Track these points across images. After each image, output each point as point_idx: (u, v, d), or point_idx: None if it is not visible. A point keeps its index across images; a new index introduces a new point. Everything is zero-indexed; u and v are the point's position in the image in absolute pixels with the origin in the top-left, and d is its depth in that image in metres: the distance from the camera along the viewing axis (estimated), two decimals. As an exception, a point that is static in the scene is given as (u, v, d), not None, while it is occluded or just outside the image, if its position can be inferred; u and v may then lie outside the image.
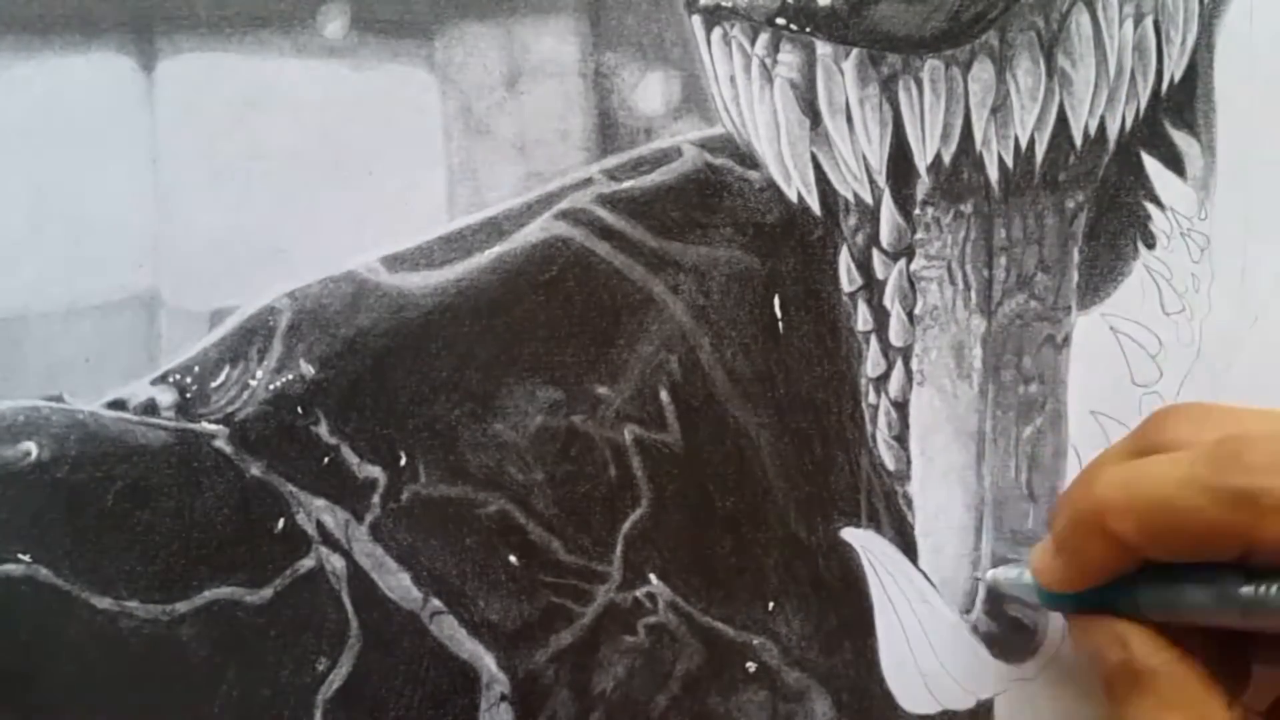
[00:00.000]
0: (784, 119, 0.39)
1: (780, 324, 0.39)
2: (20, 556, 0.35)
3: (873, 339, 0.39)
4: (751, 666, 0.38)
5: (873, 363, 0.39)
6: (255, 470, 0.36)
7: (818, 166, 0.39)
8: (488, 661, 0.37)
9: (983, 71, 0.39)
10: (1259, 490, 0.29)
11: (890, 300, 0.39)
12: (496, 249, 0.38)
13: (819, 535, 0.39)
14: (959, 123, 0.39)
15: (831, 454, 0.39)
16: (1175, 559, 0.32)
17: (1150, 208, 0.40)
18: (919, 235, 0.39)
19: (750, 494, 0.38)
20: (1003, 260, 0.39)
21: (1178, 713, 0.32)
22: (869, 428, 0.39)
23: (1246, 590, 0.31)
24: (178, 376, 0.36)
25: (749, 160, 0.39)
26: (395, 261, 0.37)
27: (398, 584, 0.37)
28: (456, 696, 0.36)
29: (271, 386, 0.37)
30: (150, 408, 0.36)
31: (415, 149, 0.38)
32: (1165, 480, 0.31)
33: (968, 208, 0.39)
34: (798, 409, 0.39)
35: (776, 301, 0.39)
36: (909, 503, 0.39)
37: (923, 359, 0.39)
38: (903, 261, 0.39)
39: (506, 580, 0.37)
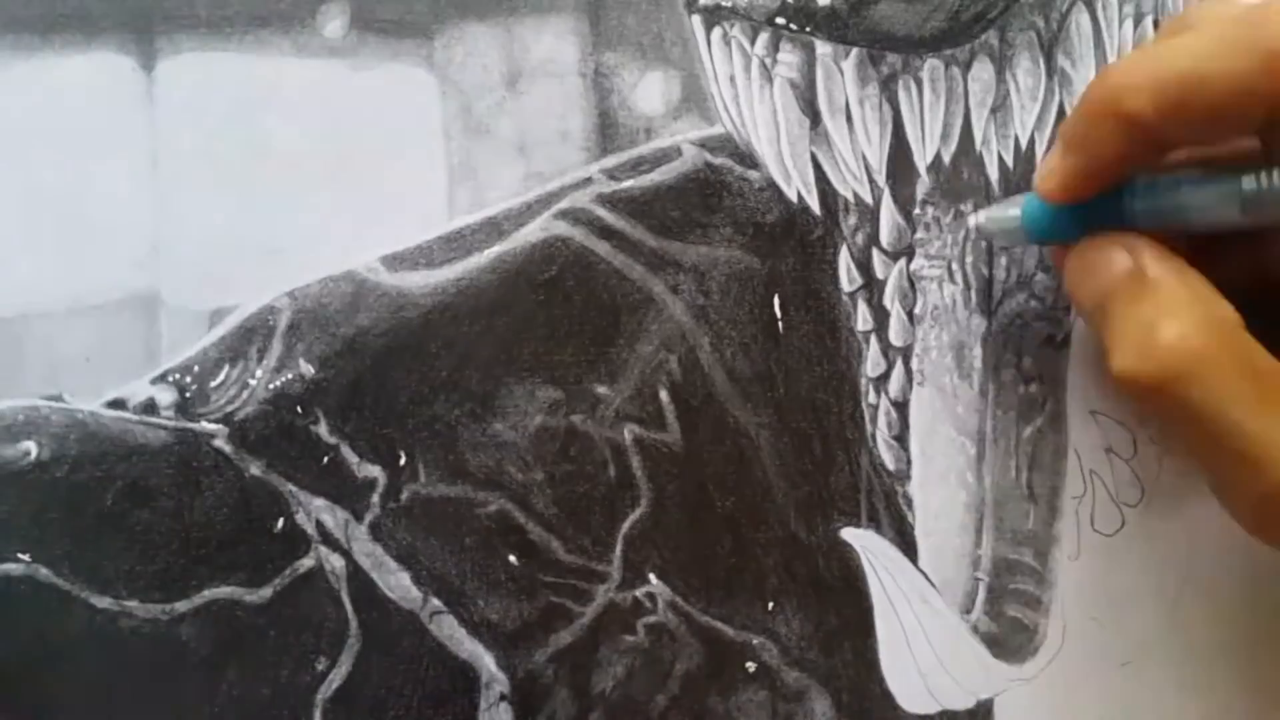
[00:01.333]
0: (784, 119, 0.39)
1: (780, 324, 0.39)
2: (20, 556, 0.35)
3: (873, 339, 0.39)
4: (751, 666, 0.38)
5: (873, 362, 0.39)
6: (255, 470, 0.36)
7: (817, 166, 0.39)
8: (487, 661, 0.37)
9: (983, 71, 0.39)
10: None
11: (890, 300, 0.39)
12: (496, 249, 0.38)
13: (819, 535, 0.38)
14: (959, 122, 0.39)
15: (831, 454, 0.39)
16: (1193, 137, 0.30)
17: (1150, 207, 0.40)
18: (919, 235, 0.39)
19: (750, 494, 0.38)
20: (1003, 260, 0.39)
21: (1184, 306, 0.30)
22: (869, 427, 0.39)
23: (1248, 181, 0.29)
24: (177, 376, 0.36)
25: (749, 160, 0.39)
26: (395, 261, 0.37)
27: (397, 583, 0.37)
28: (456, 696, 0.36)
29: (271, 386, 0.37)
30: (150, 407, 0.36)
31: (415, 149, 0.38)
32: (1189, 49, 0.29)
33: (968, 207, 0.39)
34: (797, 409, 0.39)
35: (776, 301, 0.39)
36: (909, 503, 0.39)
37: (923, 359, 0.39)
38: (903, 261, 0.39)
39: (506, 580, 0.37)
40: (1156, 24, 0.40)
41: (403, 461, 0.37)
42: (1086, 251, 0.33)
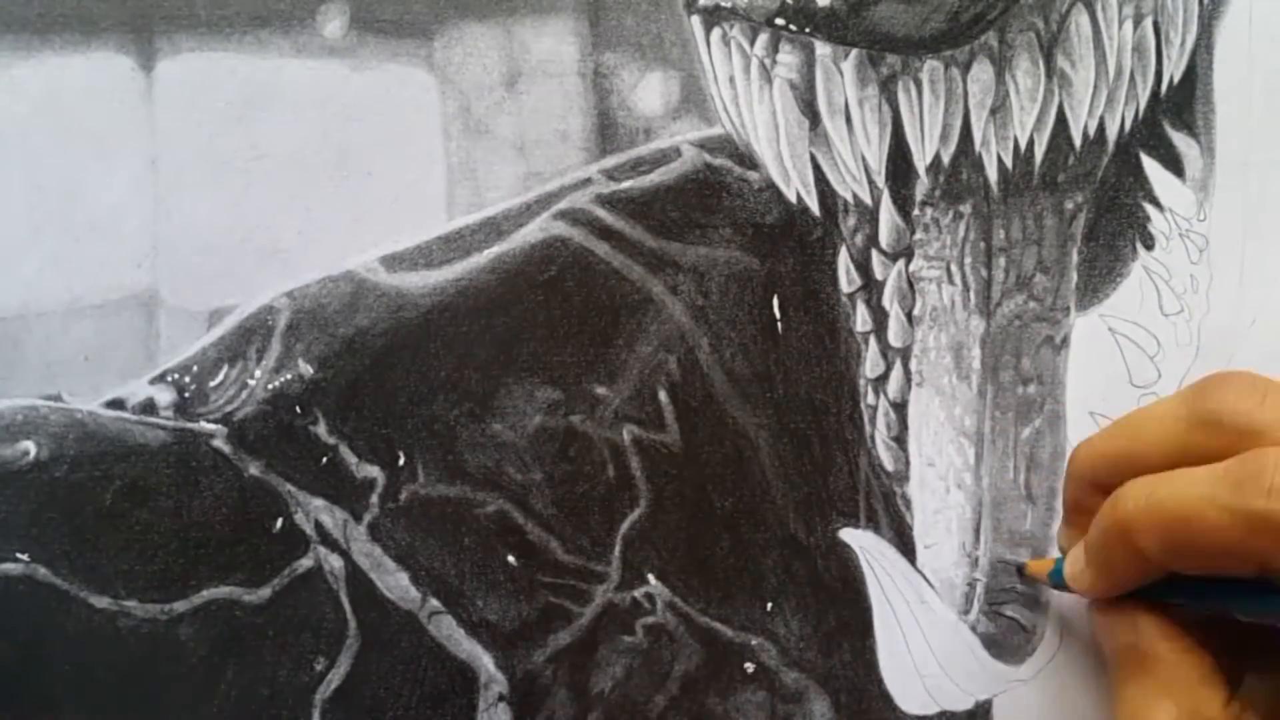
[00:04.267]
0: (783, 119, 0.39)
1: (779, 324, 0.39)
2: (18, 555, 0.35)
3: (872, 340, 0.39)
4: (750, 667, 0.38)
5: (871, 363, 0.39)
6: (253, 470, 0.36)
7: (817, 167, 0.39)
8: (486, 661, 0.37)
9: (982, 72, 0.39)
10: (1277, 515, 0.30)
11: (889, 301, 0.39)
12: (495, 249, 0.38)
13: (818, 536, 0.38)
14: (958, 123, 0.39)
15: (830, 455, 0.39)
16: (1198, 573, 0.32)
17: (1149, 209, 0.40)
18: (918, 236, 0.39)
19: (749, 494, 0.38)
20: (1002, 261, 0.39)
21: (1172, 699, 0.33)
22: (868, 428, 0.39)
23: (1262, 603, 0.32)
24: (176, 376, 0.36)
25: (748, 161, 0.39)
26: (394, 261, 0.37)
27: (396, 584, 0.37)
28: (454, 696, 0.36)
29: (270, 386, 0.37)
30: (149, 407, 0.36)
31: (414, 149, 0.38)
32: (1188, 498, 0.31)
33: (967, 208, 0.39)
34: (796, 410, 0.39)
35: (775, 302, 0.39)
36: (908, 503, 0.39)
37: (921, 360, 0.39)
38: (902, 262, 0.39)
39: (505, 580, 0.37)
40: (1156, 26, 0.40)
41: (401, 462, 0.37)
42: (1105, 612, 0.36)
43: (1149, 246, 0.41)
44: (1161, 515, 0.32)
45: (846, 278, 0.39)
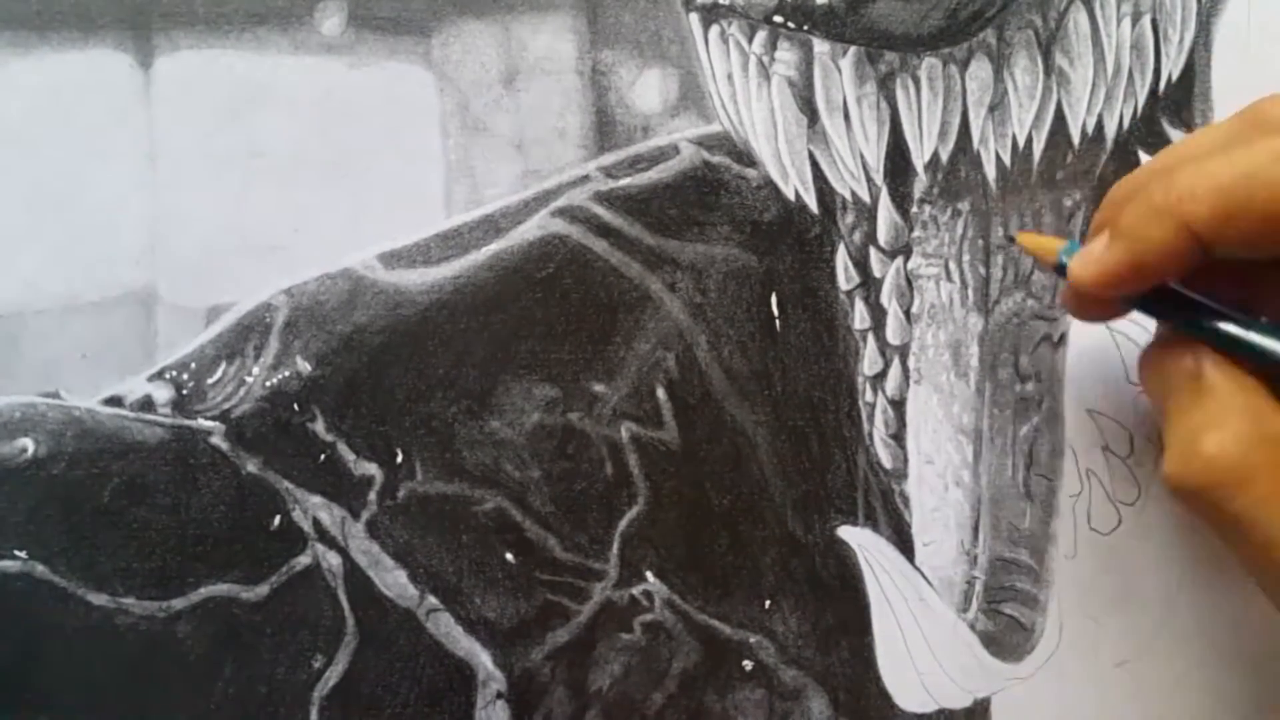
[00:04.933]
0: (781, 117, 0.39)
1: (777, 322, 0.39)
2: (16, 553, 0.35)
3: (870, 337, 0.39)
4: (748, 665, 0.38)
5: (870, 361, 0.39)
6: (251, 467, 0.36)
7: (815, 164, 0.39)
8: (484, 659, 0.37)
9: (980, 70, 0.39)
10: None
11: (888, 298, 0.39)
12: (493, 246, 0.38)
13: (816, 533, 0.38)
14: (956, 121, 0.39)
15: (829, 452, 0.39)
16: (1244, 250, 0.31)
17: (1148, 206, 0.40)
18: (916, 233, 0.39)
19: (747, 492, 0.38)
20: (1000, 258, 0.39)
21: (1237, 415, 0.31)
22: (866, 426, 0.39)
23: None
24: (174, 373, 0.36)
25: (746, 158, 0.39)
26: (392, 259, 0.37)
27: (394, 581, 0.37)
28: (452, 694, 0.36)
29: (268, 383, 0.37)
30: (147, 404, 0.36)
31: (412, 146, 0.38)
32: (1244, 162, 0.30)
33: (965, 206, 0.39)
34: (795, 407, 0.39)
35: (774, 299, 0.39)
36: (906, 501, 0.39)
37: (920, 357, 0.39)
38: (900, 259, 0.39)
39: (503, 578, 0.37)
40: (1154, 24, 0.40)
41: (399, 459, 0.37)
42: (1158, 352, 0.34)
43: (1147, 244, 0.40)
44: (1215, 180, 0.31)
45: (845, 275, 0.39)
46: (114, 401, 0.36)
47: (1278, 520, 0.30)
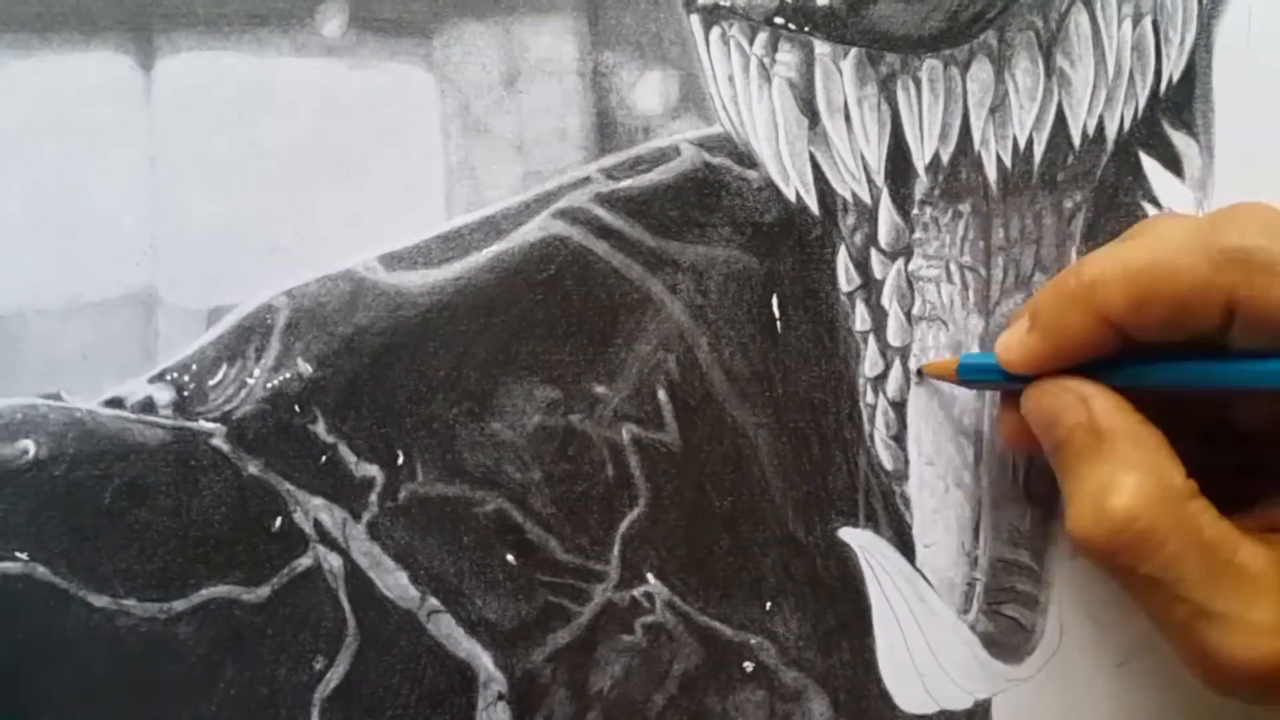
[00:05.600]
0: (782, 118, 0.39)
1: (778, 323, 0.39)
2: (18, 554, 0.35)
3: (871, 339, 0.39)
4: (749, 666, 0.38)
5: (871, 362, 0.39)
6: (253, 469, 0.36)
7: (816, 166, 0.39)
8: (485, 660, 0.37)
9: (981, 71, 0.39)
10: (1253, 248, 0.30)
11: (888, 300, 0.39)
12: (494, 248, 0.38)
13: (817, 535, 0.38)
14: (957, 122, 0.39)
15: (829, 454, 0.39)
16: (1159, 333, 0.32)
17: (1148, 208, 0.40)
18: (917, 235, 0.39)
19: (748, 493, 0.38)
20: (1000, 260, 0.39)
21: (1138, 472, 0.31)
22: (867, 427, 0.39)
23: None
24: (175, 374, 0.36)
25: (747, 159, 0.39)
26: (393, 260, 0.37)
27: (395, 583, 0.37)
28: (454, 695, 0.36)
29: (269, 385, 0.37)
30: (148, 406, 0.36)
31: (413, 148, 0.38)
32: (1161, 245, 0.31)
33: (966, 207, 0.39)
34: (795, 409, 0.39)
35: (774, 301, 0.39)
36: (907, 502, 0.39)
37: (921, 359, 0.39)
38: (901, 261, 0.39)
39: (504, 579, 0.37)
40: (1155, 25, 0.40)
41: (400, 460, 0.37)
42: (1043, 395, 0.34)
43: (1148, 245, 0.40)
44: (1128, 267, 0.31)
45: (845, 277, 0.39)
46: (115, 403, 0.36)
47: (1186, 578, 0.30)
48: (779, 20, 0.38)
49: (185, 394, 0.36)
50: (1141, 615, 0.39)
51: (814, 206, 0.39)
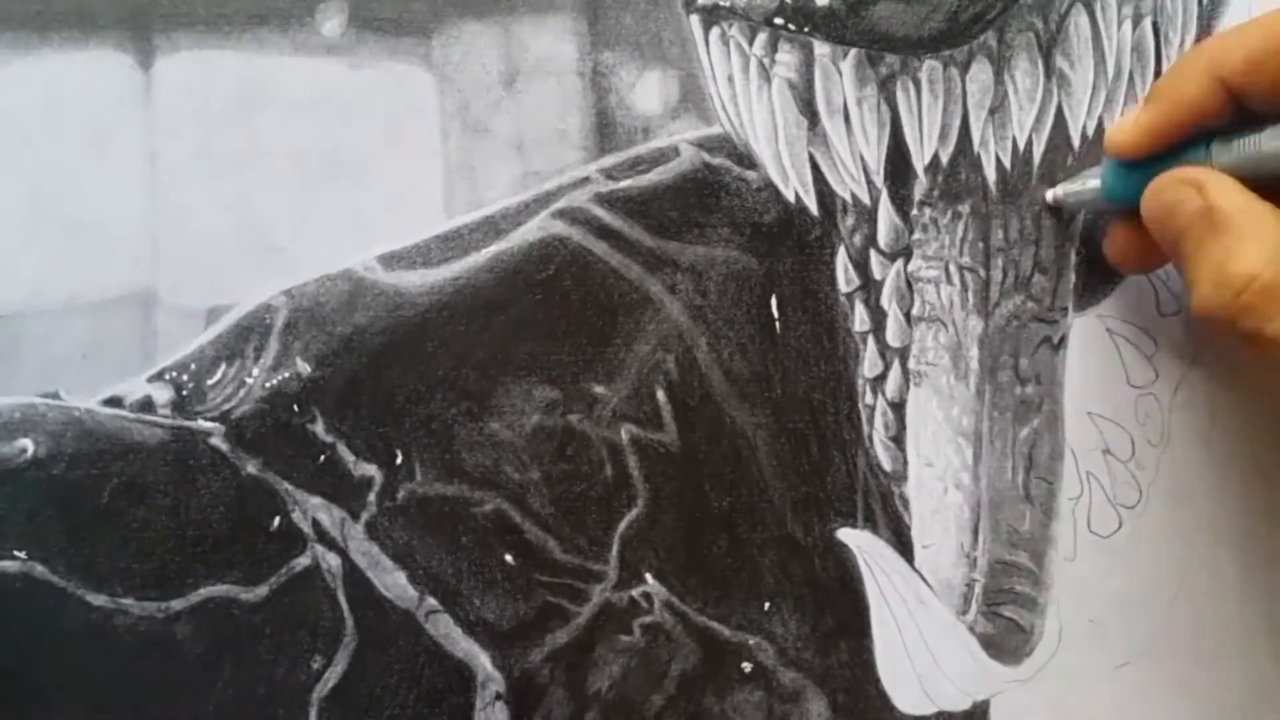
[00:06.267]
0: (782, 119, 0.39)
1: (777, 324, 0.39)
2: (16, 553, 0.35)
3: (870, 339, 0.39)
4: (747, 666, 0.38)
5: (870, 363, 0.39)
6: (251, 468, 0.36)
7: (815, 166, 0.39)
8: (483, 660, 0.37)
9: (981, 72, 0.39)
10: None
11: (888, 301, 0.39)
12: (494, 248, 0.38)
13: (815, 535, 0.38)
14: (957, 123, 0.39)
15: (828, 454, 0.39)
16: (1274, 95, 0.32)
17: (1148, 209, 0.40)
18: (916, 236, 0.39)
19: (747, 494, 0.38)
20: (1000, 261, 0.39)
21: (1258, 241, 0.31)
22: (866, 428, 0.39)
23: None
24: (174, 374, 0.36)
25: (746, 160, 0.39)
26: (392, 260, 0.37)
27: (393, 582, 0.37)
28: (452, 695, 0.36)
29: (268, 384, 0.37)
30: (146, 405, 0.36)
31: (413, 148, 0.38)
32: (1276, 22, 0.32)
33: (965, 208, 0.39)
34: (794, 409, 0.39)
35: (774, 301, 0.39)
36: (905, 503, 0.39)
37: (920, 360, 0.39)
38: (900, 262, 0.39)
39: (502, 579, 0.37)
40: (1155, 26, 0.40)
41: (399, 460, 0.37)
42: (1159, 192, 0.34)
43: (1148, 247, 0.40)
44: (1245, 34, 0.33)
45: (845, 277, 0.39)
46: (114, 402, 0.36)
47: None
48: (779, 21, 0.38)
49: (184, 393, 0.36)
50: (1142, 618, 0.39)
51: (813, 207, 0.39)
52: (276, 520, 0.36)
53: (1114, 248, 0.38)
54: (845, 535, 0.39)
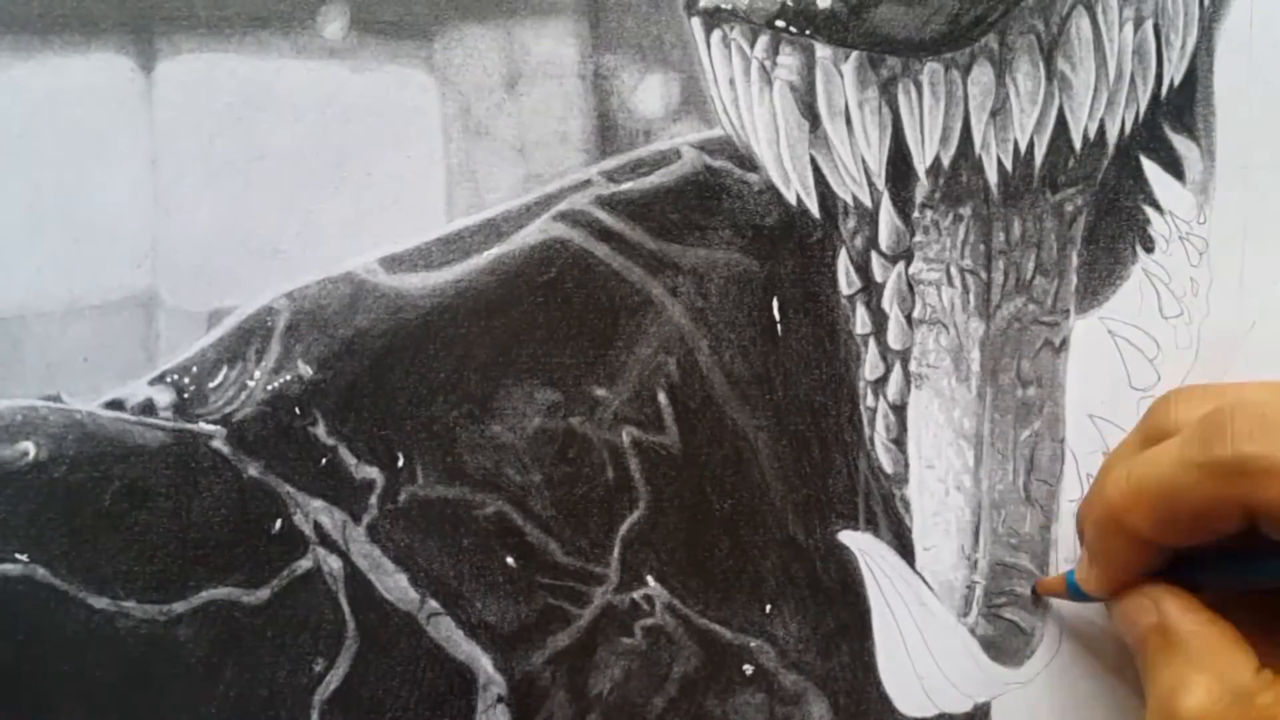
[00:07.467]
0: (783, 121, 0.39)
1: (779, 326, 0.39)
2: (18, 556, 0.35)
3: (871, 342, 0.39)
4: (749, 669, 0.38)
5: (871, 365, 0.39)
6: (253, 471, 0.36)
7: (817, 169, 0.39)
8: (485, 663, 0.37)
9: (982, 74, 0.39)
10: (1247, 457, 0.30)
11: (889, 303, 0.39)
12: (495, 250, 0.38)
13: (817, 538, 0.39)
14: (958, 126, 0.39)
15: (830, 457, 0.39)
16: (1189, 542, 0.33)
17: (1149, 211, 0.40)
18: (918, 238, 0.39)
19: (748, 496, 0.38)
20: (1001, 263, 0.39)
21: (1205, 673, 0.32)
22: (867, 431, 0.39)
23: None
24: (176, 376, 0.36)
25: (748, 162, 0.39)
26: (394, 262, 0.37)
27: (395, 585, 0.37)
28: (453, 698, 0.36)
29: (269, 387, 0.37)
30: (148, 408, 0.36)
31: (414, 150, 0.38)
32: (1162, 467, 0.32)
33: (967, 211, 0.39)
34: (796, 412, 0.39)
35: (775, 304, 0.39)
36: (907, 506, 0.39)
37: (921, 362, 0.39)
38: (901, 264, 0.39)
39: (504, 582, 0.37)
40: (1157, 28, 0.40)
41: (401, 463, 0.37)
42: (1123, 604, 0.35)
43: (1149, 249, 0.41)
44: (1143, 491, 0.33)
45: (846, 280, 0.39)
46: (115, 405, 0.36)
47: None
48: (780, 23, 0.38)
49: (185, 396, 0.36)
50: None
51: (815, 210, 0.39)
52: (278, 523, 0.36)
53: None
54: (846, 538, 0.39)
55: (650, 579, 0.38)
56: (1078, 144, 0.40)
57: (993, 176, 0.39)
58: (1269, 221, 0.41)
